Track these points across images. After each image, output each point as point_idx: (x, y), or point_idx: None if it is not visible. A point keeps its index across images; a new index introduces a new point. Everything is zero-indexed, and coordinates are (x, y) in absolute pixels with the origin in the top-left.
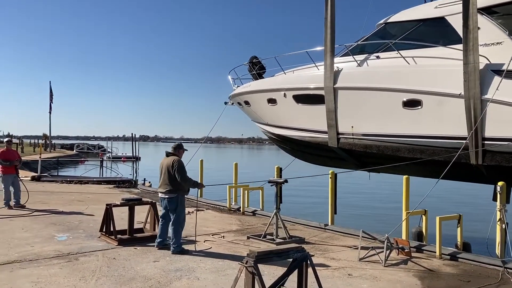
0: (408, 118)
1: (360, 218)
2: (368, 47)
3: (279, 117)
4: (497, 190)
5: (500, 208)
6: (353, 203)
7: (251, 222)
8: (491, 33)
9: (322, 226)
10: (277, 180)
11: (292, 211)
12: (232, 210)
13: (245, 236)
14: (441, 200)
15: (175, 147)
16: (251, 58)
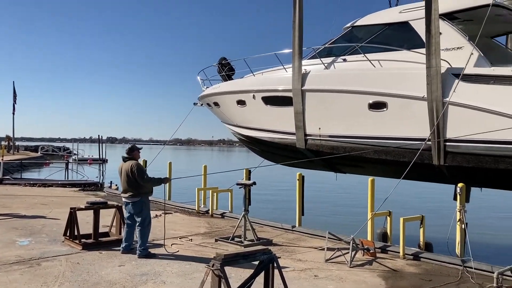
0: (373, 120)
1: (327, 219)
2: (335, 50)
3: (249, 119)
4: (457, 191)
5: (459, 209)
6: (321, 204)
7: (220, 225)
8: (452, 38)
9: (290, 228)
10: (246, 183)
11: (261, 213)
12: (200, 212)
13: (213, 238)
14: (408, 201)
15: (129, 150)
16: (220, 59)
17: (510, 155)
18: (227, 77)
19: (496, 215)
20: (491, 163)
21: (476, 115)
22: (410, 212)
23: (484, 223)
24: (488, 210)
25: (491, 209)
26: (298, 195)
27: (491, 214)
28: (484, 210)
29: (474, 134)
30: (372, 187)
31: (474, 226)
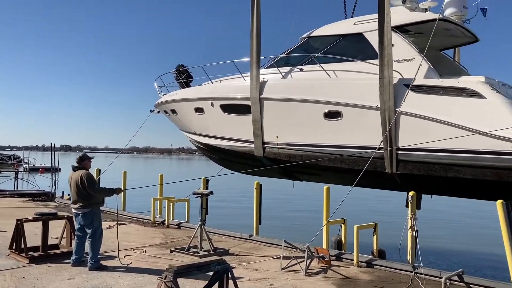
0: (329, 129)
1: (285, 227)
2: (292, 59)
3: (207, 126)
4: (408, 199)
5: (411, 216)
6: (278, 212)
7: (176, 235)
8: (403, 50)
9: (247, 237)
10: (202, 192)
11: (219, 222)
12: (156, 223)
13: (169, 249)
14: (364, 209)
15: (79, 159)
16: (178, 66)
17: (457, 163)
18: (185, 84)
19: (446, 221)
20: (440, 171)
21: (426, 124)
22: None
23: (435, 229)
24: (439, 216)
25: (442, 215)
26: (256, 204)
27: (442, 220)
28: (436, 216)
29: (424, 142)
30: (327, 195)
31: (427, 232)
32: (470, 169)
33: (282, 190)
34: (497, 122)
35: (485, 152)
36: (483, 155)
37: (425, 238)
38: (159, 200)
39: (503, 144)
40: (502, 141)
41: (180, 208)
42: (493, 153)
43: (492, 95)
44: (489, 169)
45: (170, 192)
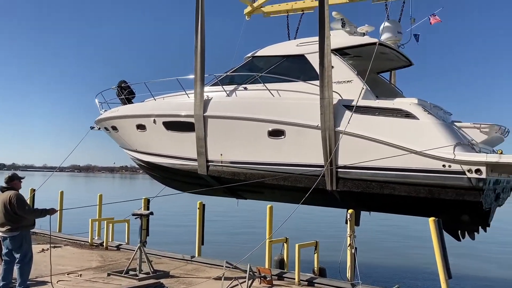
0: (272, 147)
1: (228, 247)
2: (236, 78)
3: (149, 144)
4: (347, 217)
5: (350, 234)
6: (222, 231)
7: (115, 258)
8: (343, 72)
9: (189, 258)
10: (142, 213)
11: (160, 243)
12: (94, 245)
13: (106, 273)
14: (307, 226)
15: (8, 179)
16: (120, 82)
17: (392, 181)
18: (126, 101)
19: (385, 237)
20: (377, 188)
21: (364, 143)
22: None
23: (375, 245)
24: (378, 233)
25: (381, 232)
26: (198, 224)
27: (381, 236)
28: (375, 233)
29: (363, 162)
30: (270, 214)
31: (368, 247)
32: (404, 186)
33: (227, 208)
34: (429, 142)
35: (418, 170)
36: (416, 173)
37: (366, 253)
38: (98, 221)
39: (435, 163)
40: (433, 159)
41: (120, 229)
42: (426, 171)
43: (424, 116)
44: (422, 186)
45: (110, 213)
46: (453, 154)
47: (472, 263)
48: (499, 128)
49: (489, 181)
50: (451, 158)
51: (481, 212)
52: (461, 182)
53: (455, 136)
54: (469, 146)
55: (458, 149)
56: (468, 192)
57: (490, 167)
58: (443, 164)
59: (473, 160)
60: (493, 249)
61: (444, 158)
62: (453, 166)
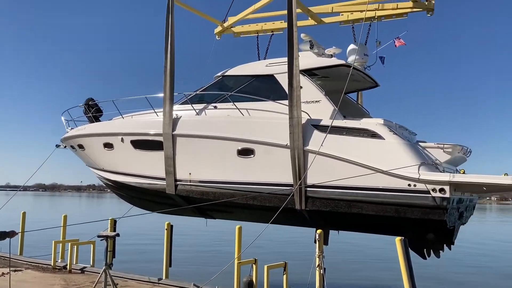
0: (242, 166)
1: (197, 268)
2: (206, 97)
3: (116, 163)
4: (316, 237)
5: (318, 255)
6: (190, 251)
7: (78, 281)
8: (311, 92)
9: (156, 281)
10: (108, 234)
11: (127, 265)
12: (57, 268)
13: None
14: (278, 246)
15: None
16: (87, 100)
17: (360, 199)
18: (94, 119)
19: (355, 256)
20: (345, 207)
21: (332, 162)
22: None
23: (343, 265)
24: (346, 252)
25: (349, 252)
26: (166, 245)
27: (351, 255)
28: (343, 252)
29: (331, 181)
30: (239, 235)
31: (337, 267)
32: (371, 205)
33: (196, 227)
34: (394, 161)
35: (385, 190)
36: (383, 192)
37: (334, 274)
38: (61, 243)
39: (401, 182)
40: (399, 179)
41: (85, 251)
42: (392, 190)
43: (390, 136)
44: (389, 205)
45: (75, 234)
46: (418, 173)
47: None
48: (461, 148)
49: (453, 200)
50: (416, 178)
51: (445, 230)
52: (426, 201)
53: (419, 156)
54: (433, 165)
55: (422, 168)
56: (433, 211)
57: (453, 186)
58: (408, 184)
59: (437, 179)
60: (458, 269)
61: (410, 177)
62: (418, 185)
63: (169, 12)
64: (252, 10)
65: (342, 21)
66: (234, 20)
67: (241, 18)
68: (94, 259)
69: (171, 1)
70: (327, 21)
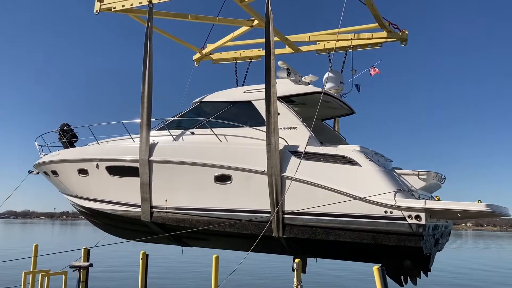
0: (219, 192)
1: None
2: (184, 123)
3: (90, 189)
4: (294, 266)
5: (296, 284)
6: (166, 279)
7: None
8: (288, 118)
9: None
10: (80, 265)
11: None
12: None
13: None
14: (255, 274)
15: None
16: (62, 125)
17: (337, 227)
18: (68, 144)
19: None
20: (322, 234)
21: (309, 189)
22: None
23: None
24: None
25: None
26: (141, 276)
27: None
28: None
29: (309, 208)
30: (216, 265)
31: None
32: (348, 232)
33: (172, 257)
34: (370, 188)
35: (362, 216)
36: (359, 219)
37: None
38: (32, 273)
39: (377, 209)
40: (376, 206)
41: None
42: (369, 217)
43: (366, 163)
44: (366, 232)
45: (46, 264)
46: (394, 200)
47: None
48: (436, 175)
49: (429, 226)
50: (392, 204)
51: (421, 257)
52: (402, 228)
53: (395, 182)
54: (409, 192)
55: (398, 195)
56: (409, 237)
57: (429, 213)
58: (385, 210)
59: (412, 206)
60: None
61: (386, 204)
62: (394, 212)
63: (148, 38)
64: (231, 38)
65: (318, 50)
66: (213, 47)
67: (220, 46)
68: None
69: (150, 27)
70: (304, 49)
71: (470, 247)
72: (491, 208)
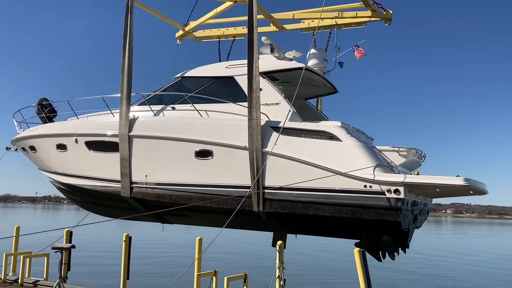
0: (200, 168)
1: (154, 279)
2: (165, 98)
3: (69, 165)
4: (276, 248)
5: (278, 266)
6: (148, 262)
7: None
8: (270, 94)
9: None
10: (62, 246)
11: (83, 278)
12: (7, 282)
13: None
14: (237, 258)
15: None
16: (41, 100)
17: (316, 201)
18: (47, 120)
19: (315, 267)
20: (302, 209)
21: (290, 164)
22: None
23: (304, 275)
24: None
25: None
26: (124, 258)
27: (310, 267)
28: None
29: (291, 184)
30: (200, 246)
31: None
32: (328, 207)
33: (155, 239)
34: (350, 163)
35: (341, 191)
36: (339, 194)
37: (293, 284)
38: (13, 255)
39: (357, 183)
40: (355, 180)
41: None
42: (348, 192)
43: (347, 138)
44: (345, 206)
45: (28, 246)
46: (373, 174)
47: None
48: (416, 151)
49: (407, 201)
50: (371, 179)
51: (400, 232)
52: (381, 202)
53: (375, 157)
54: (388, 167)
55: (378, 170)
56: (388, 212)
57: (408, 188)
58: (364, 185)
59: (391, 180)
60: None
61: (365, 178)
62: (373, 186)
63: (128, 11)
64: (214, 14)
65: (303, 28)
66: (196, 24)
67: (203, 22)
68: (48, 272)
69: (130, 1)
70: (288, 27)
71: (449, 234)
72: (469, 182)
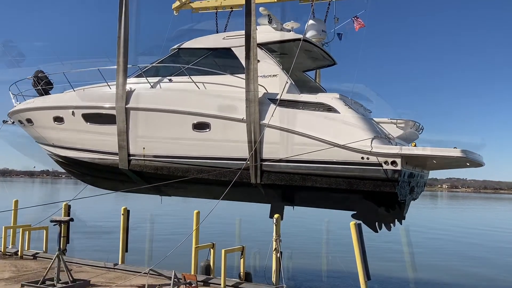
0: (197, 140)
1: (154, 252)
2: (162, 70)
3: (66, 138)
4: (273, 221)
5: (275, 239)
6: (147, 237)
7: (30, 267)
8: (268, 66)
9: (111, 266)
10: (61, 219)
11: (83, 250)
12: (7, 254)
13: (19, 284)
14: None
15: None
16: (37, 72)
17: (314, 173)
18: (43, 92)
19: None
20: (299, 180)
21: (288, 136)
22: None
23: (300, 249)
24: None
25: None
26: (122, 230)
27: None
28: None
29: (290, 157)
30: (197, 220)
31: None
32: (325, 178)
33: (153, 211)
34: (348, 135)
35: (339, 163)
36: (336, 165)
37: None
38: (12, 228)
39: (354, 155)
40: (353, 152)
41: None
42: (345, 163)
43: (345, 110)
44: (342, 178)
45: (27, 220)
46: (370, 146)
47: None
48: (413, 123)
49: (404, 173)
50: (368, 151)
51: (396, 203)
52: (378, 173)
53: (373, 129)
54: (386, 139)
55: (375, 142)
56: (384, 183)
57: (404, 159)
58: (361, 157)
59: (389, 152)
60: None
61: (363, 150)
62: (370, 158)
63: None
64: None
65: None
66: None
67: None
68: (47, 245)
69: None
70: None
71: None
72: (466, 153)
